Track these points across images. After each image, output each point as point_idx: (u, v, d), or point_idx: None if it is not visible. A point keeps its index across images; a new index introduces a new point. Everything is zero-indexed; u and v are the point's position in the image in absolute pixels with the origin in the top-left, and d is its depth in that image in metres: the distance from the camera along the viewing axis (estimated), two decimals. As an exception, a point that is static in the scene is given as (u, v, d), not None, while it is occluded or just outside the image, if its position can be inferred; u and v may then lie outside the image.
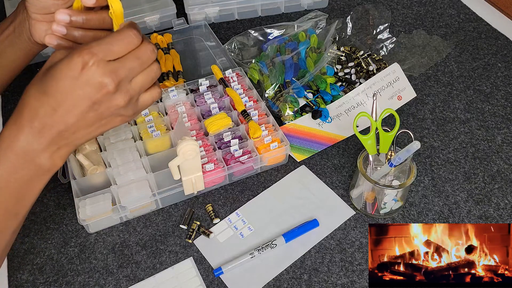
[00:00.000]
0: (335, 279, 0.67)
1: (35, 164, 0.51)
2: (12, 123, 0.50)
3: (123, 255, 0.70)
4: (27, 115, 0.49)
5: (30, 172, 0.51)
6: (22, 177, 0.51)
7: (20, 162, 0.50)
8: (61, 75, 0.47)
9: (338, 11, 1.11)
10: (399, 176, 0.70)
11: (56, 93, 0.48)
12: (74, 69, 0.47)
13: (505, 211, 0.73)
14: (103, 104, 0.49)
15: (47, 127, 0.49)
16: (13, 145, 0.50)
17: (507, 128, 0.85)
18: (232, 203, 0.76)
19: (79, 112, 0.49)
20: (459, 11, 1.10)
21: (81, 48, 0.47)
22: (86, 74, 0.46)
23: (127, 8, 1.03)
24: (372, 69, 0.93)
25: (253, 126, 0.77)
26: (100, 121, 0.51)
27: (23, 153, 0.50)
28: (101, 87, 0.47)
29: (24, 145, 0.50)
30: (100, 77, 0.47)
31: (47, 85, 0.48)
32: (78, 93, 0.47)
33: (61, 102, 0.48)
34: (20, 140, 0.50)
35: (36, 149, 0.50)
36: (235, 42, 0.98)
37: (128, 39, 0.48)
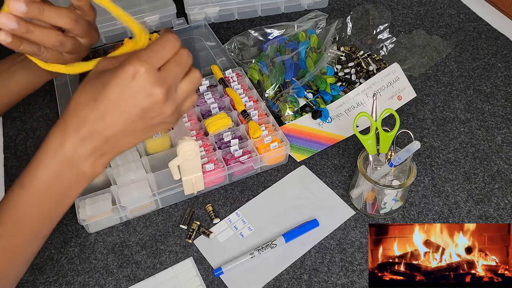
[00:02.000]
0: (335, 279, 0.67)
1: (78, 170, 0.52)
2: (58, 129, 0.51)
3: (123, 255, 0.70)
4: (75, 122, 0.50)
5: (71, 178, 0.52)
6: (63, 182, 0.52)
7: (64, 168, 0.51)
8: (112, 82, 0.48)
9: (338, 11, 1.11)
10: (399, 176, 0.70)
11: (107, 100, 0.48)
12: (126, 78, 0.48)
13: (505, 211, 0.73)
14: (152, 112, 0.50)
15: (95, 133, 0.50)
16: (58, 151, 0.50)
17: (507, 128, 0.85)
18: (232, 203, 0.76)
19: (128, 120, 0.50)
20: (459, 11, 1.10)
21: (131, 57, 0.48)
22: (137, 82, 0.48)
23: (127, 8, 1.02)
24: (372, 69, 0.93)
25: (253, 126, 0.77)
26: (145, 129, 0.52)
27: (68, 159, 0.51)
28: (151, 96, 0.49)
29: (70, 151, 0.50)
30: (151, 86, 0.48)
31: (98, 92, 0.49)
32: (128, 100, 0.48)
33: (111, 109, 0.49)
34: (66, 146, 0.50)
35: (81, 155, 0.51)
36: (235, 42, 0.98)
37: (171, 44, 0.50)
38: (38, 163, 0.51)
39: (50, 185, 0.52)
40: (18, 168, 0.81)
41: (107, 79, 0.49)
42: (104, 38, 1.02)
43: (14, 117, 0.89)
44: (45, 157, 0.51)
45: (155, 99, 0.49)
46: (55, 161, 0.51)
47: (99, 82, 0.49)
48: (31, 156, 0.81)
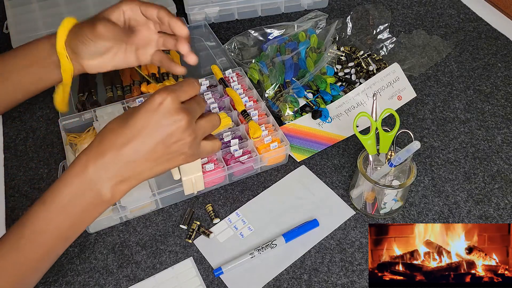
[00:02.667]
0: (335, 279, 0.67)
1: (97, 192, 0.54)
2: (84, 153, 0.55)
3: (123, 255, 0.70)
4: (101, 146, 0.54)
5: (90, 200, 0.54)
6: (82, 203, 0.54)
7: (84, 189, 0.54)
8: (141, 110, 0.53)
9: (338, 11, 1.11)
10: (399, 176, 0.70)
11: (134, 124, 0.53)
12: (153, 104, 0.53)
13: (505, 211, 0.73)
14: (174, 137, 0.54)
15: (118, 158, 0.53)
16: (81, 172, 0.54)
17: (507, 128, 0.85)
18: (232, 203, 0.76)
19: (152, 143, 0.53)
20: (459, 11, 1.10)
21: (159, 89, 0.54)
22: (164, 108, 0.53)
23: (127, 8, 1.03)
24: (372, 69, 0.93)
25: (253, 126, 0.77)
26: (166, 156, 0.55)
27: (89, 181, 0.53)
28: (175, 121, 0.53)
29: (91, 173, 0.53)
30: (175, 112, 0.53)
31: (127, 118, 0.54)
32: (154, 125, 0.53)
33: (137, 134, 0.53)
34: (89, 168, 0.53)
35: (102, 178, 0.54)
36: (235, 42, 0.98)
37: (193, 85, 0.56)
38: (62, 182, 0.54)
39: (70, 204, 0.54)
40: (18, 168, 0.81)
41: (137, 108, 0.54)
42: (104, 38, 1.02)
43: (14, 117, 0.89)
44: (68, 177, 0.54)
45: (178, 125, 0.53)
46: (76, 182, 0.54)
47: (131, 111, 0.55)
48: (31, 156, 0.82)
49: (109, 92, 0.90)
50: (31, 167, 0.81)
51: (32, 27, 1.00)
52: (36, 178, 0.79)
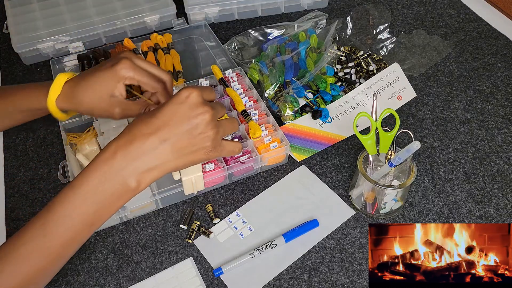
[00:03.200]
0: (335, 279, 0.67)
1: (123, 180, 0.55)
2: (113, 142, 0.56)
3: (123, 255, 0.70)
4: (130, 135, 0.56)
5: (116, 187, 0.55)
6: (108, 189, 0.55)
7: (111, 175, 0.55)
8: (169, 102, 0.57)
9: (338, 11, 1.11)
10: (399, 176, 0.70)
11: (162, 115, 0.56)
12: (181, 97, 0.56)
13: (505, 211, 0.73)
14: (198, 129, 0.57)
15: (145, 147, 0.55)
16: (110, 158, 0.55)
17: (507, 128, 0.85)
18: (232, 203, 0.76)
19: (178, 132, 0.56)
20: (459, 11, 1.10)
21: (185, 87, 0.58)
22: (190, 100, 0.56)
23: (127, 8, 1.03)
24: (372, 69, 0.93)
25: (253, 126, 0.77)
26: (190, 147, 0.57)
27: (116, 168, 0.55)
28: (201, 113, 0.56)
29: (119, 163, 0.55)
30: (201, 105, 0.57)
31: (155, 111, 0.57)
32: (181, 114, 0.56)
33: (165, 122, 0.56)
34: (117, 158, 0.55)
35: (128, 166, 0.55)
36: (235, 42, 0.98)
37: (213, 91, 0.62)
38: (90, 168, 0.55)
39: (96, 190, 0.55)
40: (18, 168, 0.81)
41: (165, 102, 0.57)
42: (104, 38, 1.02)
43: (14, 117, 0.89)
44: (97, 163, 0.55)
45: (202, 117, 0.57)
46: (104, 168, 0.55)
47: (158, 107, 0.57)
48: (31, 156, 0.82)
49: (109, 92, 0.90)
50: (31, 167, 0.81)
51: (32, 27, 1.00)
52: (36, 178, 0.79)
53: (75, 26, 1.00)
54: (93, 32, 1.00)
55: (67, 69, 0.96)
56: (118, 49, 0.98)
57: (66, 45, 0.99)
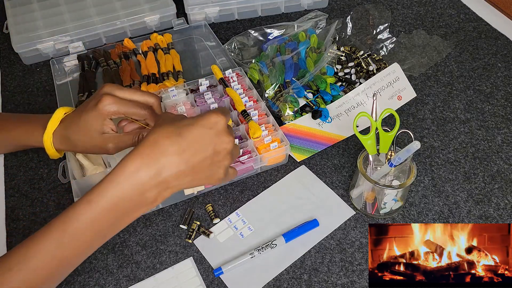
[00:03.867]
0: (335, 279, 0.67)
1: (143, 196, 0.55)
2: (138, 155, 0.55)
3: (123, 255, 0.70)
4: (155, 152, 0.55)
5: (135, 202, 0.55)
6: (127, 205, 0.55)
7: (132, 192, 0.55)
8: (197, 124, 0.56)
9: (338, 11, 1.11)
10: (399, 176, 0.70)
11: (189, 137, 0.55)
12: (210, 123, 0.56)
13: (505, 211, 0.73)
14: (219, 157, 0.58)
15: (170, 166, 0.55)
16: (133, 175, 0.54)
17: (507, 128, 0.85)
18: (232, 203, 0.76)
19: (202, 156, 0.56)
20: (459, 11, 1.10)
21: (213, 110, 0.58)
22: (218, 128, 0.57)
23: (127, 8, 1.03)
24: (372, 69, 0.93)
25: (253, 126, 0.77)
26: (207, 171, 0.58)
27: (138, 185, 0.54)
28: (225, 142, 0.57)
29: (143, 178, 0.54)
30: (226, 134, 0.58)
31: (182, 129, 0.56)
32: (207, 140, 0.56)
33: (191, 145, 0.55)
34: (141, 172, 0.54)
35: (151, 184, 0.55)
36: (235, 42, 0.98)
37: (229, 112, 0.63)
38: (110, 182, 0.54)
39: (115, 205, 0.54)
40: (18, 168, 0.81)
41: (191, 121, 0.56)
42: (104, 38, 1.02)
43: (14, 117, 0.89)
44: (118, 178, 0.54)
45: (225, 146, 0.58)
46: (126, 184, 0.54)
47: (184, 122, 0.57)
48: (31, 156, 0.82)
49: (109, 92, 0.90)
50: (31, 167, 0.81)
51: (32, 27, 1.00)
52: (36, 178, 0.79)
53: (75, 26, 1.00)
54: (93, 32, 1.00)
55: (67, 69, 0.96)
56: (118, 49, 0.99)
57: (66, 45, 0.99)
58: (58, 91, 0.91)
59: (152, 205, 0.57)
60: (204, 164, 0.57)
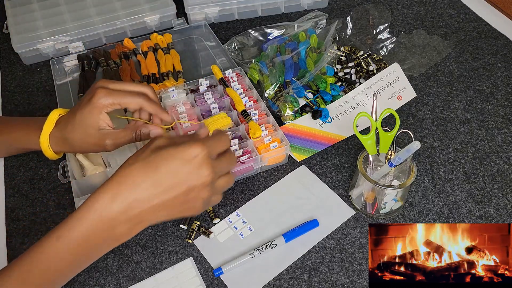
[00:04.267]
0: (335, 279, 0.67)
1: (114, 232, 0.54)
2: (107, 189, 0.53)
3: (123, 255, 0.70)
4: (127, 186, 0.53)
5: (105, 237, 0.54)
6: (98, 239, 0.54)
7: (103, 227, 0.53)
8: (173, 157, 0.53)
9: (338, 11, 1.11)
10: (399, 176, 0.70)
11: (165, 171, 0.53)
12: (187, 156, 0.53)
13: (505, 211, 0.73)
14: (194, 192, 0.55)
15: (143, 201, 0.53)
16: (103, 210, 0.53)
17: (507, 128, 0.85)
18: (232, 203, 0.76)
19: (177, 192, 0.54)
20: (459, 11, 1.10)
21: (196, 141, 0.54)
22: (197, 162, 0.53)
23: (127, 8, 1.03)
24: (372, 69, 0.93)
25: (253, 126, 0.77)
26: (183, 206, 0.56)
27: (109, 220, 0.53)
28: (202, 176, 0.54)
29: (113, 213, 0.53)
30: (205, 168, 0.54)
31: (157, 162, 0.53)
32: (184, 175, 0.53)
33: (166, 179, 0.53)
34: (112, 207, 0.53)
35: (122, 219, 0.53)
36: (235, 42, 0.98)
37: (226, 141, 0.58)
38: (79, 218, 0.53)
39: (85, 240, 0.53)
40: (18, 168, 0.81)
41: (169, 153, 0.53)
42: (104, 38, 1.02)
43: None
44: (87, 214, 0.53)
45: (203, 181, 0.54)
46: (95, 219, 0.53)
47: (159, 155, 0.54)
48: (31, 156, 0.82)
49: (109, 92, 0.90)
50: (31, 167, 0.81)
51: (32, 27, 1.00)
52: (36, 178, 0.79)
53: (75, 26, 1.00)
54: (93, 32, 1.00)
55: (67, 69, 0.96)
56: (118, 49, 0.99)
57: (66, 45, 0.99)
58: (58, 91, 0.91)
59: (124, 239, 0.56)
60: (178, 200, 0.54)
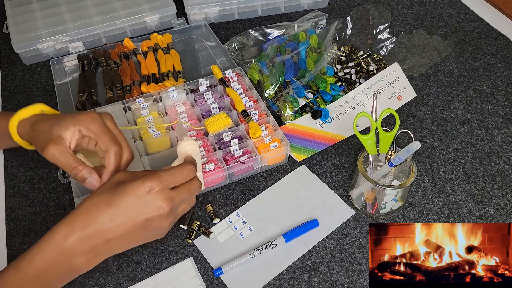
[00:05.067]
0: (335, 279, 0.67)
1: (72, 264, 0.56)
2: (66, 223, 0.55)
3: (123, 255, 0.70)
4: (84, 220, 0.55)
5: (64, 270, 0.56)
6: (56, 272, 0.56)
7: (60, 260, 0.55)
8: (128, 192, 0.55)
9: (338, 11, 1.11)
10: (399, 176, 0.70)
11: (119, 207, 0.55)
12: (142, 191, 0.55)
13: (505, 211, 0.73)
14: (154, 223, 0.57)
15: (98, 234, 0.55)
16: (59, 243, 0.54)
17: (507, 128, 0.85)
18: (232, 203, 0.76)
19: (132, 226, 0.56)
20: (459, 11, 1.10)
21: (151, 175, 0.56)
22: (151, 196, 0.55)
23: (127, 8, 1.03)
24: (372, 69, 0.93)
25: (253, 126, 0.77)
26: (143, 237, 0.58)
27: (66, 253, 0.55)
28: (158, 209, 0.56)
29: (70, 246, 0.54)
30: (161, 201, 0.56)
31: (114, 198, 0.55)
32: (139, 209, 0.55)
33: (121, 214, 0.55)
34: (69, 240, 0.54)
35: (79, 251, 0.55)
36: (235, 42, 0.98)
37: (187, 173, 0.59)
38: (38, 250, 0.55)
39: (43, 273, 0.55)
40: (18, 168, 0.81)
41: (125, 188, 0.55)
42: (104, 38, 1.02)
43: (14, 117, 0.88)
44: (46, 247, 0.55)
45: (161, 213, 0.56)
46: (53, 252, 0.54)
47: (116, 190, 0.56)
48: (31, 156, 0.82)
49: (109, 92, 0.90)
50: (31, 167, 0.81)
51: (32, 27, 1.00)
52: (36, 178, 0.79)
53: (75, 26, 1.00)
54: (93, 32, 1.00)
55: (67, 69, 0.96)
56: (118, 49, 0.99)
57: (66, 45, 0.99)
58: (58, 91, 0.91)
59: (83, 270, 0.57)
60: (137, 232, 0.56)
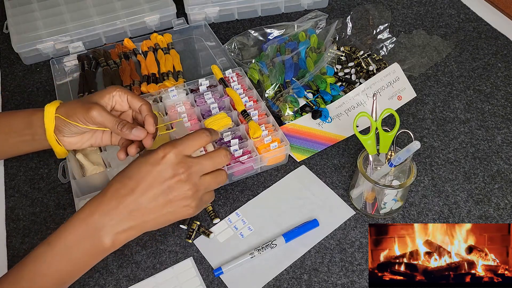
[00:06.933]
0: (335, 279, 0.67)
1: (99, 239, 0.56)
2: (93, 201, 0.57)
3: (123, 255, 0.70)
4: (108, 196, 0.56)
5: (91, 246, 0.57)
6: (84, 248, 0.57)
7: (87, 234, 0.56)
8: (144, 162, 0.57)
9: (338, 11, 1.11)
10: (399, 176, 0.70)
11: (136, 176, 0.56)
12: (156, 158, 0.56)
13: (505, 211, 0.73)
14: (174, 191, 0.57)
15: (123, 205, 0.56)
16: (87, 218, 0.56)
17: (507, 128, 0.85)
18: (232, 203, 0.76)
19: (152, 194, 0.56)
20: (459, 11, 1.10)
21: (165, 144, 0.57)
22: (165, 162, 0.56)
23: (127, 8, 1.03)
24: (372, 69, 0.93)
25: (253, 126, 0.77)
26: (168, 207, 0.57)
27: (93, 227, 0.56)
28: (174, 174, 0.56)
29: (96, 221, 0.56)
30: (176, 165, 0.56)
31: (131, 171, 0.57)
32: (154, 176, 0.56)
33: (139, 183, 0.56)
34: (95, 216, 0.56)
35: (105, 225, 0.56)
36: (235, 42, 0.98)
37: (203, 137, 0.59)
38: (68, 226, 0.56)
39: (72, 248, 0.56)
40: (18, 168, 0.81)
41: (141, 159, 0.57)
42: (104, 38, 1.02)
43: (14, 117, 0.88)
44: (75, 222, 0.56)
45: (177, 179, 0.56)
46: (82, 227, 0.56)
47: (134, 163, 0.58)
48: (31, 156, 0.82)
49: (109, 92, 0.90)
50: (31, 167, 0.81)
51: (32, 27, 1.00)
52: (36, 178, 0.79)
53: (75, 26, 1.00)
54: (93, 32, 1.00)
55: (67, 69, 0.96)
56: (118, 49, 0.99)
57: (66, 45, 0.99)
58: (58, 91, 0.91)
59: (111, 249, 0.57)
60: (159, 201, 0.57)
